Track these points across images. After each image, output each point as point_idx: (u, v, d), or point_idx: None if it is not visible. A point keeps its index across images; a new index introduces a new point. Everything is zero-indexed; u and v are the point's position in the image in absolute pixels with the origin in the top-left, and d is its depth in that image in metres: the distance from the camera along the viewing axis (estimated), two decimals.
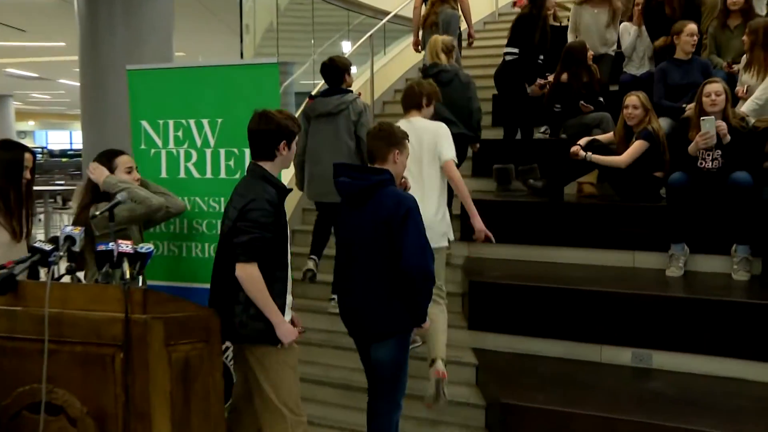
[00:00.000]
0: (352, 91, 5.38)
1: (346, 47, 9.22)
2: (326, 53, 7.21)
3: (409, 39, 9.52)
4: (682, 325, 4.53)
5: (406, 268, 3.33)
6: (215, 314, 3.21)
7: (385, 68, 8.82)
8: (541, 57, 6.37)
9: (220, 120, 4.04)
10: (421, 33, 7.10)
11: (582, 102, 6.18)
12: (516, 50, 6.28)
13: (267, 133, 3.27)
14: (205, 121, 4.07)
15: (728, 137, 4.84)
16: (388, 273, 3.41)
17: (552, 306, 4.86)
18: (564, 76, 6.33)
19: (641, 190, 5.41)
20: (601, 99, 6.20)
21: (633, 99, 5.48)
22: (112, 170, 3.74)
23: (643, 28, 6.64)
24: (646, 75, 6.40)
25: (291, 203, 7.01)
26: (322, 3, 8.10)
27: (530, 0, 6.31)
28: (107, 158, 3.79)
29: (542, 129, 6.86)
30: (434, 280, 3.50)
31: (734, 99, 5.38)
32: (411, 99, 4.57)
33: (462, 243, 5.83)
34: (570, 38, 6.85)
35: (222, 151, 4.05)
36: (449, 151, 4.39)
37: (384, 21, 8.81)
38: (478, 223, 4.52)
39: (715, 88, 4.93)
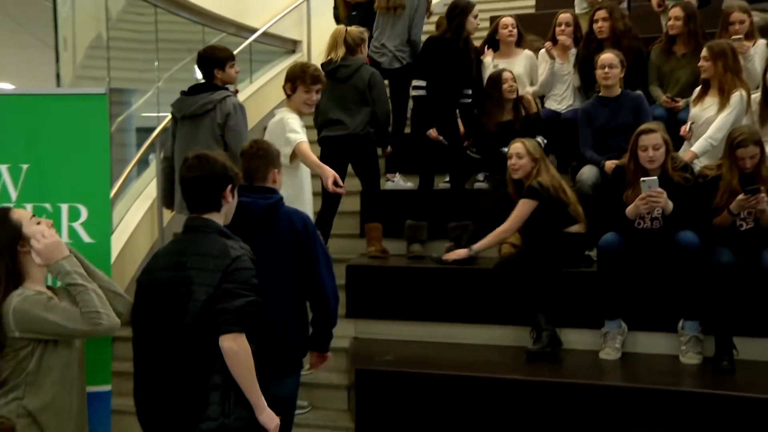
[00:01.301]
0: (226, 89, 5.53)
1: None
2: (175, 79, 6.93)
3: (283, 63, 9.41)
4: (621, 420, 4.51)
5: (322, 292, 3.78)
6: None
7: (252, 100, 8.61)
8: (469, 91, 6.39)
9: (25, 166, 3.87)
10: (378, 18, 7.14)
11: (502, 148, 6.14)
12: (423, 83, 6.25)
13: (211, 179, 3.26)
14: (3, 167, 3.87)
15: (670, 206, 4.90)
16: (294, 296, 3.79)
17: (461, 399, 4.78)
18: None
19: (559, 252, 5.41)
20: (539, 138, 6.15)
21: (517, 147, 5.49)
22: (16, 234, 3.27)
23: (571, 52, 6.73)
24: (571, 113, 6.45)
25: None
26: (168, 14, 7.81)
27: (448, 19, 6.32)
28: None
29: (445, 179, 6.79)
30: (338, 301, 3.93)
31: (676, 139, 5.51)
32: None
33: (347, 320, 5.72)
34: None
35: (28, 207, 3.82)
36: (296, 135, 4.75)
37: (249, 40, 8.64)
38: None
39: (652, 141, 4.97)
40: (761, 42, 6.12)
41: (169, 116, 6.02)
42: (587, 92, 6.54)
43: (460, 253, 5.59)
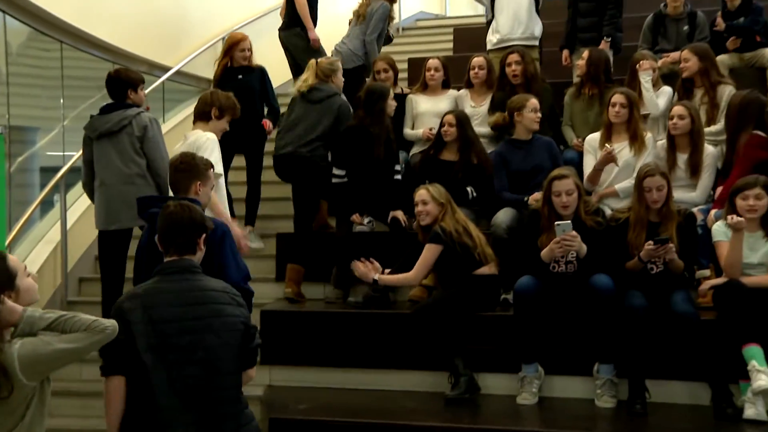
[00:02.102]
0: (138, 106, 5.75)
1: None
2: (82, 117, 6.77)
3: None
4: None
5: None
6: None
7: (164, 140, 8.52)
8: (398, 167, 6.50)
9: None
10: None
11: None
12: (343, 172, 6.31)
13: (192, 225, 3.54)
14: None
15: (584, 249, 5.04)
16: None
17: None
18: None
19: (473, 295, 5.45)
20: (469, 189, 6.20)
21: (422, 194, 5.58)
22: (9, 283, 3.08)
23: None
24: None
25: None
26: (74, 50, 7.68)
27: (364, 106, 6.33)
28: None
29: (365, 220, 6.76)
30: (252, 293, 4.31)
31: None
32: (199, 108, 5.44)
33: (262, 368, 5.59)
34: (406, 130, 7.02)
35: None
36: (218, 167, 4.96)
37: (162, 79, 8.59)
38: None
39: (565, 186, 5.13)
40: (666, 89, 6.40)
41: (79, 153, 6.02)
42: (503, 136, 6.65)
43: (367, 275, 5.60)
